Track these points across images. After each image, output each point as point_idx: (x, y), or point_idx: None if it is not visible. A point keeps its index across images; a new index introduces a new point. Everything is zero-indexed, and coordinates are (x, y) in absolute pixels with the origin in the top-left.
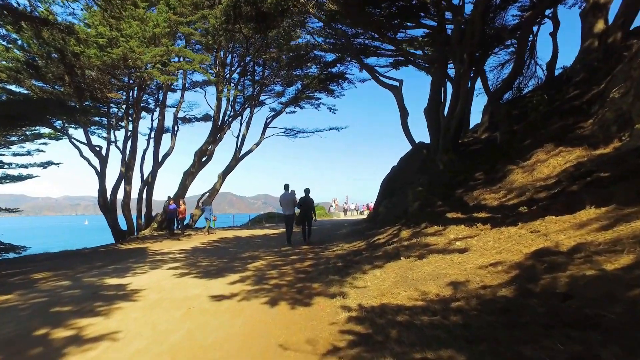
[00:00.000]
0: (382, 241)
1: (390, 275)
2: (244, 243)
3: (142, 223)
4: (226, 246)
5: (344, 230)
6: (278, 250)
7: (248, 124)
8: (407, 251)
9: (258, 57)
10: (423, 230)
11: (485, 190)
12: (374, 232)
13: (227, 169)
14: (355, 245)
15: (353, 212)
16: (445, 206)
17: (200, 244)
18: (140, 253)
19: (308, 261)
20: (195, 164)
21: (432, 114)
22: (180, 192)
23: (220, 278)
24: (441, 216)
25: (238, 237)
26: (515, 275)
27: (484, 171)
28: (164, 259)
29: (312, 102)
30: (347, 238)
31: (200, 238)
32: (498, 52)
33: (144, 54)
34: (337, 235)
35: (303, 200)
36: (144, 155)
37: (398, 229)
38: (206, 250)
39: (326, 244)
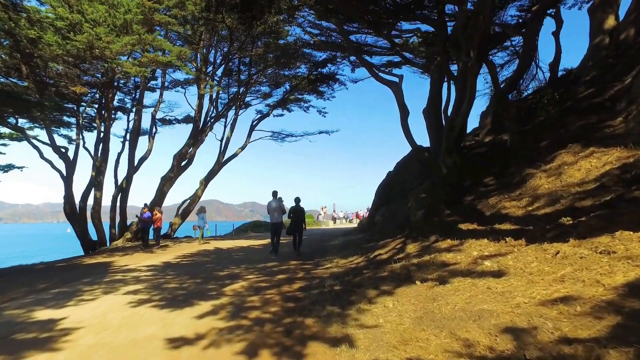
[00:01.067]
0: (385, 257)
1: (407, 308)
2: (224, 257)
3: (115, 233)
4: (203, 261)
5: (336, 242)
6: (263, 267)
7: (232, 127)
8: (421, 272)
9: (244, 55)
10: (434, 245)
11: (503, 197)
12: (373, 245)
13: (209, 174)
14: (352, 261)
15: (342, 220)
16: (455, 215)
17: (175, 258)
18: (101, 270)
19: (298, 282)
20: (174, 169)
21: (432, 115)
22: (158, 199)
23: (187, 308)
24: (452, 227)
25: (219, 250)
26: (617, 323)
27: (494, 175)
28: (126, 279)
29: (300, 105)
30: (341, 251)
31: (175, 250)
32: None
33: (113, 43)
34: (330, 247)
35: (294, 209)
36: (119, 159)
37: (402, 242)
38: (179, 267)
39: (318, 258)
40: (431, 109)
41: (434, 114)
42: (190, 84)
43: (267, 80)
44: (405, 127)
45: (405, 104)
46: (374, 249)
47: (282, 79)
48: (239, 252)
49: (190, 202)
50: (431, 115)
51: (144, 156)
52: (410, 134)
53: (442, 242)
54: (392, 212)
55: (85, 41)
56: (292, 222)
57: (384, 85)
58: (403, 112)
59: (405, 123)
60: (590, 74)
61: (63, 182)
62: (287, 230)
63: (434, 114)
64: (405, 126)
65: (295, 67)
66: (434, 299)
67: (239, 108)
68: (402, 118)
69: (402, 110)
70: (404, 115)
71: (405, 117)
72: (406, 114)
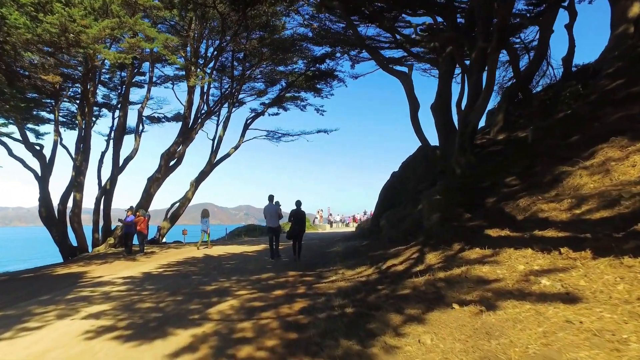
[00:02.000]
0: (401, 268)
1: (454, 347)
2: (213, 266)
3: (99, 237)
4: (189, 271)
5: (337, 248)
6: (257, 280)
7: (225, 125)
8: (454, 290)
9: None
10: (460, 255)
11: (536, 199)
12: (382, 253)
13: (200, 175)
14: (361, 272)
15: (339, 224)
16: (477, 219)
17: (158, 268)
18: (69, 283)
19: (299, 301)
20: (161, 169)
21: (441, 110)
22: (144, 201)
23: (158, 340)
24: (479, 233)
25: (209, 257)
26: None
27: (517, 175)
28: (92, 296)
29: (297, 103)
30: (346, 260)
31: (161, 258)
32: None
33: (90, 27)
34: (331, 254)
35: (294, 213)
36: (103, 159)
37: (418, 250)
38: (160, 279)
39: (320, 268)
40: (440, 104)
41: (444, 110)
42: (180, 80)
43: (262, 77)
44: (415, 122)
45: (415, 96)
46: (384, 258)
47: (278, 76)
48: (230, 260)
49: (180, 205)
50: (440, 110)
51: (129, 156)
52: (420, 130)
53: (469, 252)
54: (399, 216)
55: (57, 23)
56: (293, 226)
57: (393, 76)
58: (413, 104)
59: (415, 117)
60: (615, 65)
61: (38, 182)
62: (287, 235)
63: (443, 109)
64: (415, 121)
65: (292, 62)
66: (488, 334)
67: (232, 105)
68: (411, 112)
69: (412, 102)
70: (414, 108)
71: (416, 111)
72: (416, 107)
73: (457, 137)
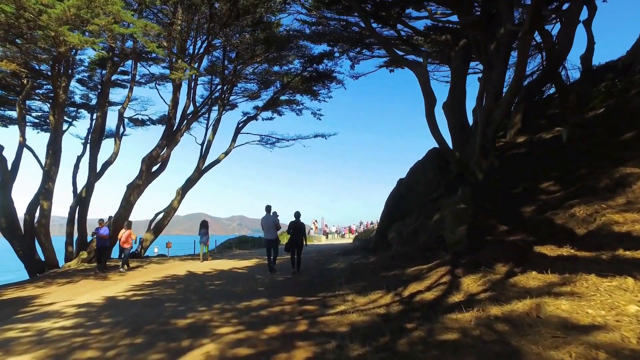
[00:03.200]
0: (431, 297)
1: None
2: (195, 288)
3: (73, 251)
4: (164, 295)
5: (338, 264)
6: (245, 308)
7: (215, 128)
8: (531, 341)
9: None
10: (512, 280)
11: (600, 207)
12: (398, 273)
13: (187, 182)
14: (376, 300)
15: (334, 235)
16: (519, 232)
17: (127, 290)
18: (4, 314)
19: (301, 345)
20: (142, 175)
21: (455, 109)
22: (123, 211)
23: None
24: (528, 251)
25: (191, 275)
26: None
27: (556, 179)
28: (19, 339)
29: (293, 107)
30: (353, 281)
31: (136, 276)
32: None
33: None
34: (333, 272)
35: (293, 224)
36: (78, 164)
37: (447, 271)
38: (124, 307)
39: (322, 291)
40: (454, 102)
41: (457, 108)
42: (166, 80)
43: (256, 78)
44: (431, 119)
45: (431, 89)
46: (403, 281)
47: (273, 77)
48: (216, 280)
49: (164, 215)
50: (454, 109)
51: (108, 160)
52: (436, 128)
53: (524, 277)
54: (410, 228)
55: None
56: (291, 238)
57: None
58: (429, 99)
59: (432, 114)
60: None
61: None
62: (286, 247)
63: (457, 108)
64: (432, 118)
65: (287, 62)
66: None
67: (223, 107)
68: (427, 107)
69: (428, 97)
70: (430, 103)
71: (432, 107)
72: (432, 103)
73: (477, 138)
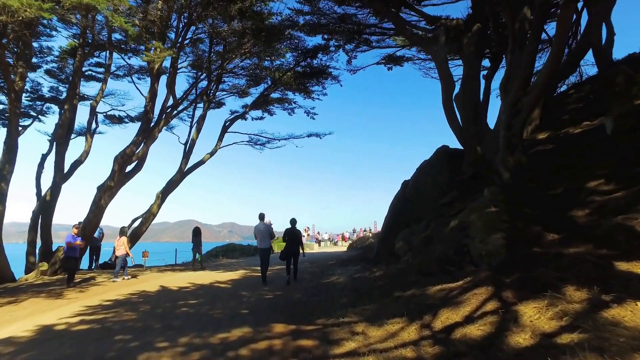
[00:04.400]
0: (477, 333)
1: None
2: (162, 311)
3: (35, 262)
4: (119, 323)
5: (338, 277)
6: (221, 344)
7: (199, 127)
8: None
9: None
10: (609, 315)
11: None
12: (418, 294)
13: (168, 185)
14: (396, 333)
15: (327, 242)
16: (582, 243)
17: (74, 315)
18: None
19: None
20: (114, 175)
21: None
22: (93, 216)
23: None
24: (607, 270)
25: (163, 291)
26: None
27: (607, 177)
28: None
29: (285, 106)
30: (357, 300)
31: (99, 291)
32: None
33: None
34: (333, 287)
35: (289, 232)
36: (43, 163)
37: (491, 294)
38: (55, 345)
39: (322, 316)
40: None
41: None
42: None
43: (245, 73)
44: (448, 107)
45: (450, 72)
46: (426, 305)
47: (263, 72)
48: (191, 298)
49: (143, 221)
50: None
51: (78, 160)
52: (455, 117)
53: (623, 308)
54: (422, 235)
55: None
56: (287, 247)
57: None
58: (447, 84)
59: (449, 101)
60: None
61: None
62: (281, 256)
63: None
64: (449, 106)
65: (279, 55)
66: None
67: (209, 103)
68: (444, 94)
69: (446, 81)
70: (448, 89)
71: (450, 93)
72: (451, 88)
73: (501, 131)
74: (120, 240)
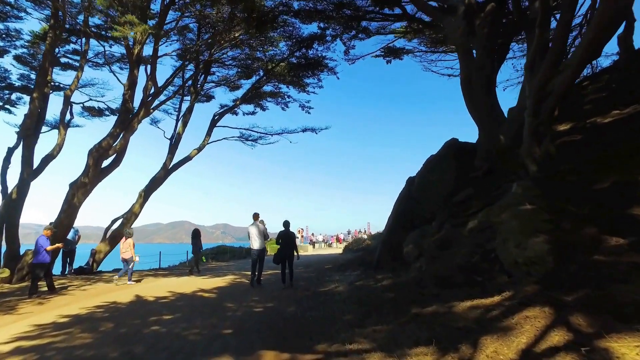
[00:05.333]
0: None
1: None
2: (127, 332)
3: None
4: (66, 350)
5: (336, 286)
6: None
7: (186, 120)
8: None
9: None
10: None
11: None
12: (439, 309)
13: (152, 183)
14: None
15: (321, 244)
16: None
17: (14, 339)
18: None
19: None
20: (88, 171)
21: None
22: (64, 216)
23: None
24: None
25: (138, 302)
26: None
27: None
28: None
29: (278, 100)
30: (364, 317)
31: (63, 303)
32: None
33: None
34: (332, 299)
35: (283, 234)
36: (10, 157)
37: (552, 319)
38: None
39: (322, 339)
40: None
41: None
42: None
43: (236, 63)
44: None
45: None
46: (458, 329)
47: (255, 63)
48: (167, 313)
49: (124, 222)
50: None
51: (50, 154)
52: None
53: None
54: (435, 238)
55: None
56: (281, 250)
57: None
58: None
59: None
60: None
61: None
62: (275, 259)
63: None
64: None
65: (272, 43)
66: None
67: (196, 96)
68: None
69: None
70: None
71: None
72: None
73: (526, 118)
74: (126, 243)
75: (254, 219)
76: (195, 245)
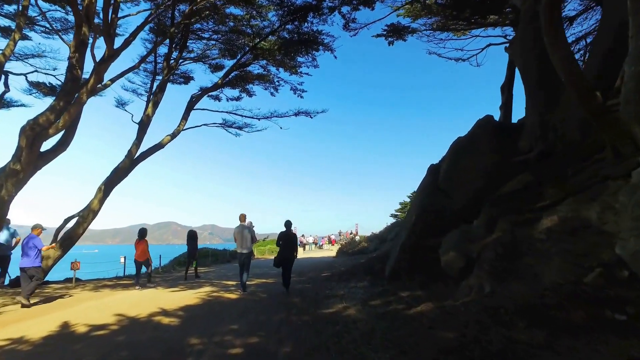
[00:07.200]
0: None
1: None
2: None
3: None
4: None
5: (346, 306)
6: None
7: (157, 101)
8: None
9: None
10: None
11: None
12: None
13: (114, 174)
14: None
15: (312, 246)
16: None
17: None
18: None
19: None
20: (20, 154)
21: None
22: None
23: None
24: None
25: (58, 336)
26: None
27: None
28: None
29: (266, 85)
30: None
31: None
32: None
33: None
34: (347, 334)
35: (284, 235)
36: None
37: None
38: None
39: None
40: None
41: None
42: None
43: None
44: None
45: None
46: None
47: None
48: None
49: (79, 221)
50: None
51: None
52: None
53: None
54: (489, 243)
55: None
56: (281, 252)
57: None
58: None
59: None
60: None
61: None
62: (276, 262)
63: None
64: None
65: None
66: None
67: (169, 72)
68: None
69: None
70: None
71: None
72: None
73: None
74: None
75: (240, 220)
76: (192, 247)
